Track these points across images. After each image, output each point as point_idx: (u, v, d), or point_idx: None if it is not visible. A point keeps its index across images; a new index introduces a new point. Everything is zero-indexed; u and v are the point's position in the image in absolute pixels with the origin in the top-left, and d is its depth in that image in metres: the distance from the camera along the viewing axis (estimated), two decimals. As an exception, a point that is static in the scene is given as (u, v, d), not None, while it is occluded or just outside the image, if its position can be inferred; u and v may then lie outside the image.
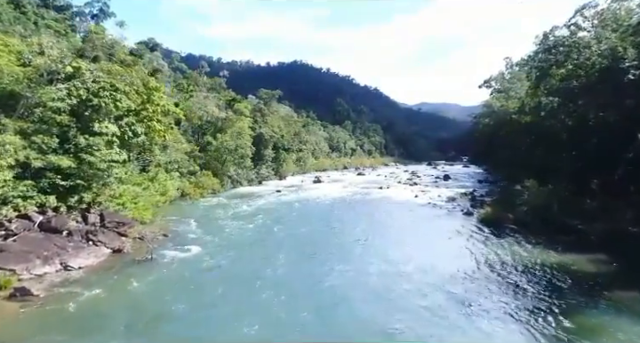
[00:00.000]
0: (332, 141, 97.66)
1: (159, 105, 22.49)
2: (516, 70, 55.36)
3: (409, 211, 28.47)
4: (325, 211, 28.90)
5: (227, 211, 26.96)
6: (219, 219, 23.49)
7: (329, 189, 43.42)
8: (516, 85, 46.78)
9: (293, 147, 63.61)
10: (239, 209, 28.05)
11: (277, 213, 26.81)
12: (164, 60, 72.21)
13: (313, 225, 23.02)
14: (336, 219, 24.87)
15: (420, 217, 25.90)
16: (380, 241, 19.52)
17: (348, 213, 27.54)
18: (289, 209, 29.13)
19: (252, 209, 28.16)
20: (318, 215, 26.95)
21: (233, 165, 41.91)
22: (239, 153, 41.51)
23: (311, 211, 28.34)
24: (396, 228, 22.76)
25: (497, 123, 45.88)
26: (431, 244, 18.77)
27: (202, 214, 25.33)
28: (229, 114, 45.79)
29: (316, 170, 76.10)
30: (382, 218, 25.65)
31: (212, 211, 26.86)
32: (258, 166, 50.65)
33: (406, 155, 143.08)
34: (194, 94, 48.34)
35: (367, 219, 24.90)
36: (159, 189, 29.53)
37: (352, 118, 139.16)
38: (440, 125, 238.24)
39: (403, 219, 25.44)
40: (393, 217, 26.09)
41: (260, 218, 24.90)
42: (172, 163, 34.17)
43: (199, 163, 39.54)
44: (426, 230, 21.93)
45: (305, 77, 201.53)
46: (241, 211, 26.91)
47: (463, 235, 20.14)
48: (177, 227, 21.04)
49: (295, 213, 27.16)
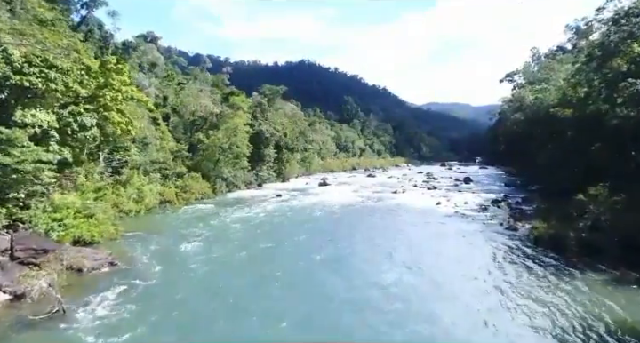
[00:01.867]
0: (339, 141, 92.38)
1: (121, 91, 17.58)
2: (544, 61, 49.58)
3: (434, 224, 23.09)
4: (332, 224, 23.65)
5: (209, 223, 21.89)
6: (193, 237, 18.40)
7: (336, 194, 38.19)
8: (552, 75, 41.07)
9: (298, 147, 58.53)
10: (226, 220, 22.96)
11: (272, 227, 21.66)
12: (159, 52, 67.64)
13: (316, 248, 17.42)
14: (346, 239, 19.47)
15: (450, 233, 20.49)
16: (408, 278, 13.78)
17: (359, 228, 22.24)
18: (287, 220, 23.96)
19: (243, 221, 23.04)
20: (323, 231, 21.65)
21: (227, 166, 36.93)
22: (234, 152, 36.51)
23: (315, 225, 23.07)
24: (425, 254, 16.85)
25: (529, 119, 40.13)
26: (479, 284, 13.21)
27: (176, 229, 20.29)
28: (224, 108, 40.85)
29: (323, 171, 70.92)
30: (403, 236, 20.23)
31: (192, 223, 21.80)
32: (257, 167, 45.65)
33: (417, 156, 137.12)
34: (185, 87, 43.58)
35: (385, 239, 19.52)
36: (133, 195, 24.70)
37: (360, 117, 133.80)
38: (450, 125, 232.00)
39: (429, 237, 20.00)
40: (416, 234, 20.64)
41: (249, 235, 19.77)
42: (153, 164, 29.33)
43: (187, 164, 34.69)
44: (465, 256, 16.48)
45: (313, 76, 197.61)
46: (227, 224, 21.81)
47: (518, 266, 14.73)
48: (136, 250, 16.03)
49: (293, 227, 21.91)
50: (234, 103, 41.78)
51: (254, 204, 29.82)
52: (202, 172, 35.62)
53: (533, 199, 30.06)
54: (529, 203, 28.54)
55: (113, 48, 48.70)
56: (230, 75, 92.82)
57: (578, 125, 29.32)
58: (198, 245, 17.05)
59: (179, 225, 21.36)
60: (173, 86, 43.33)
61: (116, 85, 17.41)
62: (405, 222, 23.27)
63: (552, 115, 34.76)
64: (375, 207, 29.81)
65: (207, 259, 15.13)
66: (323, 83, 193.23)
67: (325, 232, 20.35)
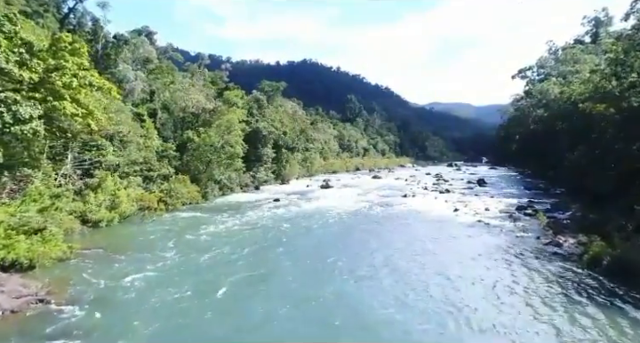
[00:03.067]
0: (342, 140, 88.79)
1: (77, 76, 14.15)
2: (567, 52, 45.83)
3: (457, 237, 19.51)
4: (335, 239, 20.01)
5: (185, 238, 18.35)
6: (160, 260, 14.91)
7: (340, 198, 34.69)
8: (577, 67, 37.40)
9: (298, 146, 55.02)
10: (207, 234, 19.41)
11: (261, 245, 17.95)
12: (152, 47, 64.25)
13: (313, 282, 13.64)
14: (352, 264, 15.77)
15: (479, 251, 16.88)
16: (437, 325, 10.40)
17: (368, 246, 18.55)
18: (282, 234, 20.42)
19: (227, 235, 19.51)
20: (324, 250, 17.95)
21: (220, 167, 33.48)
22: (227, 152, 33.05)
23: (314, 241, 19.42)
24: (458, 286, 12.65)
25: (553, 116, 36.46)
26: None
27: (144, 246, 16.76)
28: (218, 104, 37.43)
29: (325, 172, 67.45)
30: (424, 257, 16.50)
31: (167, 238, 18.27)
32: (254, 168, 42.23)
33: (422, 156, 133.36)
34: (176, 81, 40.17)
35: (401, 261, 15.89)
36: (105, 202, 21.28)
37: (364, 116, 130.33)
38: (453, 125, 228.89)
39: (456, 258, 16.22)
40: (439, 254, 16.83)
41: (230, 257, 16.22)
42: (133, 165, 25.93)
43: (175, 165, 31.28)
44: (510, 289, 12.65)
45: (315, 76, 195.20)
46: (207, 241, 18.25)
47: (584, 306, 11.12)
48: (84, 278, 12.58)
49: (289, 244, 18.28)
50: (228, 98, 38.36)
51: (247, 211, 26.34)
52: (191, 174, 32.24)
53: (565, 205, 26.47)
54: (561, 210, 24.95)
55: (103, 42, 45.51)
56: (230, 73, 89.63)
57: (616, 121, 25.72)
58: (162, 273, 13.53)
59: (150, 240, 17.84)
60: (163, 80, 39.91)
61: (70, 69, 14.01)
62: (422, 236, 19.67)
63: (583, 111, 31.15)
64: (384, 215, 26.26)
65: (168, 300, 11.57)
66: (325, 82, 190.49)
67: (326, 252, 16.61)
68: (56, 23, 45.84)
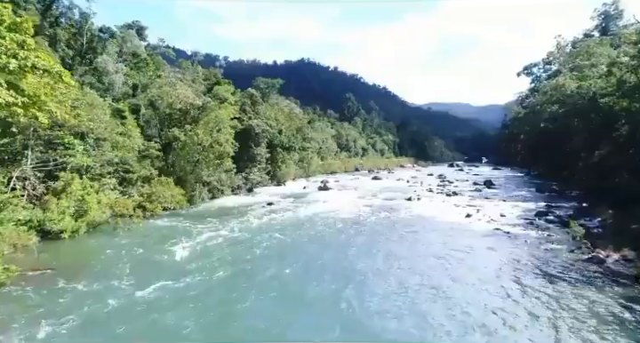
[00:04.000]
0: (340, 139, 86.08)
1: (17, 57, 11.35)
2: (582, 45, 43.22)
3: (477, 250, 16.80)
4: (334, 253, 17.22)
5: (159, 253, 15.50)
6: (116, 289, 12.08)
7: (339, 201, 31.98)
8: (593, 61, 34.78)
9: (295, 146, 52.21)
10: (187, 245, 16.60)
11: (245, 265, 15.02)
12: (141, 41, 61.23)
13: (307, 311, 11.10)
14: (356, 288, 13.09)
15: (505, 268, 14.16)
16: None
17: (373, 262, 15.83)
18: (272, 247, 17.61)
19: (209, 248, 16.69)
20: (320, 267, 15.22)
21: (209, 168, 30.67)
22: (216, 151, 30.25)
23: (311, 256, 16.49)
24: (492, 323, 10.20)
25: (570, 112, 33.79)
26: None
27: (104, 267, 13.97)
28: (207, 100, 34.60)
29: (323, 172, 64.79)
30: (437, 274, 13.79)
31: (134, 254, 15.46)
32: (247, 169, 39.45)
33: (422, 156, 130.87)
34: (162, 75, 37.36)
35: (412, 283, 13.20)
36: (71, 209, 18.46)
37: (362, 115, 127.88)
38: (453, 125, 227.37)
39: (477, 276, 13.46)
40: (457, 272, 14.05)
41: (210, 279, 13.43)
42: (107, 166, 23.09)
43: (159, 166, 28.48)
44: (556, 322, 10.09)
45: (312, 76, 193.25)
46: (184, 255, 15.44)
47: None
48: (17, 308, 9.83)
49: (279, 261, 15.47)
50: (218, 94, 35.57)
51: (235, 217, 23.56)
52: (177, 176, 29.50)
53: (590, 210, 23.88)
54: (587, 217, 22.32)
55: (89, 35, 42.68)
56: (225, 72, 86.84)
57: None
58: (111, 311, 10.78)
59: (113, 258, 14.95)
60: (148, 74, 37.09)
61: (7, 48, 11.30)
62: (435, 249, 16.95)
63: (603, 107, 28.58)
64: (388, 222, 23.54)
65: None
66: (322, 82, 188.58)
67: (323, 276, 13.70)
68: (38, 16, 42.91)
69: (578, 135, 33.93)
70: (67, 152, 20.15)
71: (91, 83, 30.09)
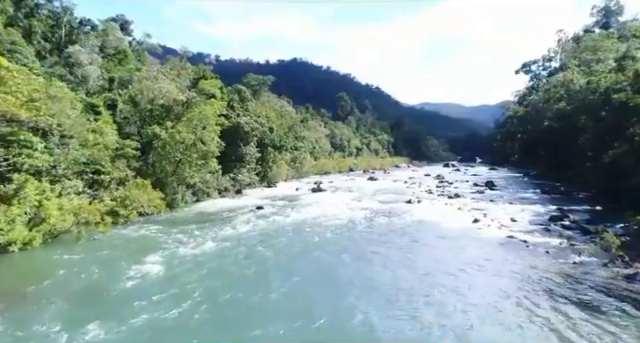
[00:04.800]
0: (334, 139, 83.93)
1: None
2: (588, 40, 41.58)
3: (491, 262, 14.64)
4: (330, 266, 14.92)
5: (118, 274, 13.06)
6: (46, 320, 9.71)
7: (333, 204, 29.73)
8: (600, 55, 33.09)
9: (287, 145, 49.85)
10: (156, 261, 14.11)
11: (225, 287, 12.54)
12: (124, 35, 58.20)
13: None
14: (356, 308, 10.95)
15: (533, 287, 11.99)
16: None
17: (373, 279, 13.61)
18: (257, 264, 15.22)
19: (181, 267, 14.23)
20: (317, 285, 13.01)
21: (191, 169, 28.15)
22: (200, 150, 27.77)
23: (302, 275, 14.00)
24: None
25: (578, 109, 31.96)
26: None
27: (52, 288, 11.52)
28: (191, 95, 32.08)
29: (316, 173, 62.50)
30: (452, 295, 11.64)
31: (89, 274, 12.97)
32: (235, 169, 37.00)
33: (417, 156, 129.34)
34: (143, 69, 34.73)
35: (423, 306, 11.02)
36: (21, 216, 15.89)
37: (356, 114, 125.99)
38: (445, 125, 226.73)
39: (500, 299, 11.29)
40: (474, 293, 11.88)
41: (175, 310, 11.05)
42: (73, 167, 20.49)
43: (135, 167, 25.91)
44: None
45: (305, 75, 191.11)
46: (152, 276, 12.89)
47: None
48: None
49: (265, 282, 13.00)
50: (203, 88, 33.06)
51: (219, 224, 21.13)
52: (157, 177, 27.00)
53: (606, 214, 21.95)
54: (606, 221, 20.34)
55: (68, 27, 39.89)
56: (216, 70, 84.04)
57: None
58: None
59: (63, 278, 12.48)
60: (127, 68, 34.42)
61: None
62: (445, 262, 14.75)
63: (615, 103, 26.74)
64: (389, 228, 21.32)
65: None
66: (315, 81, 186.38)
67: (318, 297, 11.54)
68: (12, 6, 39.94)
69: (586, 133, 32.16)
70: (22, 151, 17.56)
71: (61, 75, 27.42)
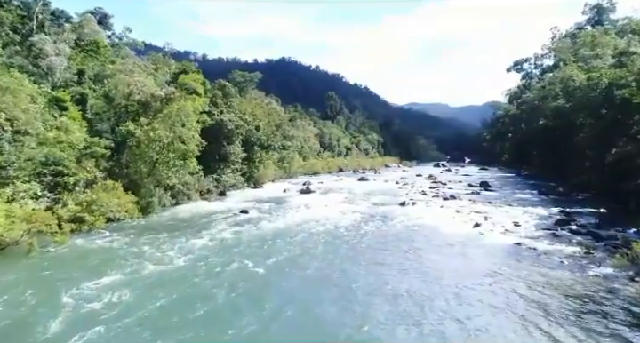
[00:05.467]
0: (323, 138, 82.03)
1: None
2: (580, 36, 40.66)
3: (501, 275, 12.93)
4: (321, 283, 13.02)
5: (71, 290, 10.88)
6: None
7: (324, 207, 27.84)
8: (599, 51, 32.06)
9: (274, 144, 47.70)
10: (112, 279, 11.94)
11: (196, 309, 10.71)
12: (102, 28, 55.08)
13: None
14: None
15: (554, 307, 10.32)
16: None
17: (370, 294, 11.80)
18: (239, 278, 13.17)
19: (149, 280, 12.15)
20: (306, 308, 11.15)
21: (169, 169, 25.86)
22: (179, 149, 25.51)
23: (288, 293, 12.28)
24: None
25: (578, 107, 30.75)
26: None
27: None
28: (171, 90, 29.77)
29: (305, 173, 60.52)
30: (466, 324, 9.87)
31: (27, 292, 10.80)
32: (219, 170, 34.80)
33: (406, 156, 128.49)
34: (117, 61, 32.24)
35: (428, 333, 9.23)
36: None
37: (345, 114, 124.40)
38: (433, 125, 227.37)
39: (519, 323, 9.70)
40: (487, 317, 10.26)
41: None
42: (27, 167, 18.10)
43: (105, 167, 23.55)
44: None
45: (293, 74, 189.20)
46: (105, 295, 10.81)
47: None
48: None
49: (245, 307, 11.11)
50: (184, 83, 30.75)
51: (197, 232, 18.98)
52: (131, 179, 24.68)
53: (613, 217, 20.61)
54: (616, 225, 18.96)
55: (39, 17, 37.09)
56: (202, 66, 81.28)
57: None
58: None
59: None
60: (101, 60, 31.90)
61: None
62: (450, 275, 12.97)
63: (618, 100, 25.54)
64: (384, 235, 19.53)
65: None
66: (304, 81, 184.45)
67: (308, 323, 9.78)
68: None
69: (584, 132, 31.03)
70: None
71: (21, 65, 24.86)
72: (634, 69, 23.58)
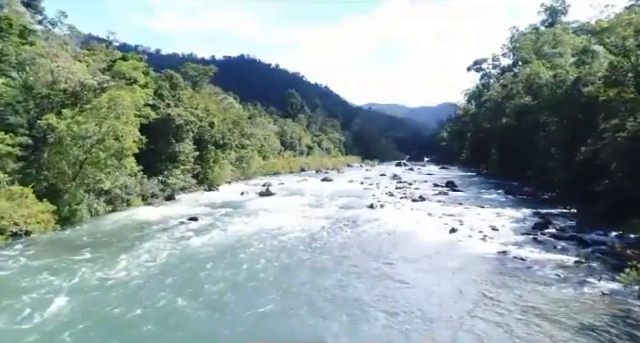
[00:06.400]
0: (284, 137, 78.99)
1: None
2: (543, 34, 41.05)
3: (495, 297, 10.94)
4: (279, 312, 10.37)
5: None
6: None
7: (285, 211, 25.09)
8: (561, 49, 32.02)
9: (231, 143, 44.03)
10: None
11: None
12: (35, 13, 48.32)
13: None
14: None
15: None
16: None
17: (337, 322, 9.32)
18: (173, 311, 10.14)
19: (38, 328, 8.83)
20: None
21: (101, 171, 21.77)
22: (111, 147, 21.52)
23: (238, 327, 9.61)
24: None
25: (541, 105, 30.36)
26: None
27: None
28: (104, 78, 25.51)
29: (265, 173, 57.20)
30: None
31: None
32: (167, 171, 30.84)
33: (368, 155, 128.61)
34: (37, 43, 27.30)
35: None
36: None
37: (306, 112, 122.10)
38: (391, 125, 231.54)
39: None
40: None
41: None
42: None
43: (13, 169, 19.16)
44: None
45: (253, 73, 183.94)
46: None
47: None
48: None
49: None
50: (120, 71, 26.55)
51: (127, 247, 15.43)
52: (50, 183, 20.45)
53: (589, 219, 19.73)
54: (596, 228, 17.98)
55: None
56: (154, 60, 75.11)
57: None
58: None
59: None
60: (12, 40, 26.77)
61: None
62: (434, 301, 10.76)
63: (586, 98, 25.09)
64: (352, 244, 17.15)
65: None
66: (264, 79, 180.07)
67: None
68: None
69: (549, 130, 30.79)
70: None
71: None
72: (597, 67, 23.11)
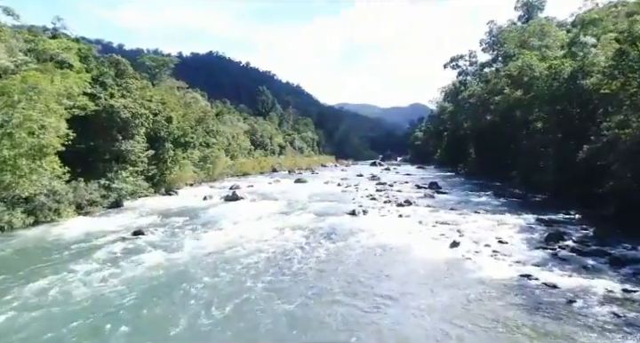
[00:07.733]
0: (254, 135, 74.52)
1: None
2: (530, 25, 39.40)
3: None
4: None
5: None
6: None
7: (254, 221, 21.24)
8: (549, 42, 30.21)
9: (194, 141, 39.43)
10: None
11: None
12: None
13: None
14: None
15: None
16: None
17: None
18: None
19: None
20: None
21: (13, 173, 17.00)
22: (23, 144, 16.81)
23: None
24: None
25: (535, 100, 28.16)
26: None
27: None
28: (24, 59, 20.54)
29: (233, 174, 52.78)
30: None
31: None
32: (111, 173, 26.09)
33: (341, 154, 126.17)
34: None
35: None
36: None
37: (278, 110, 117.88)
38: (363, 125, 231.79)
39: None
40: None
41: None
42: None
43: None
44: None
45: (222, 70, 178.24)
46: None
47: None
48: None
49: None
50: (45, 50, 21.63)
51: (38, 277, 11.10)
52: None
53: (601, 226, 17.26)
54: (615, 238, 15.46)
55: None
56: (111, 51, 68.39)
57: None
58: None
59: None
60: None
61: None
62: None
63: (584, 91, 22.89)
64: (336, 265, 13.62)
65: None
66: (233, 77, 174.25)
67: None
68: None
69: (539, 128, 28.71)
70: None
71: None
72: (607, 54, 20.95)
